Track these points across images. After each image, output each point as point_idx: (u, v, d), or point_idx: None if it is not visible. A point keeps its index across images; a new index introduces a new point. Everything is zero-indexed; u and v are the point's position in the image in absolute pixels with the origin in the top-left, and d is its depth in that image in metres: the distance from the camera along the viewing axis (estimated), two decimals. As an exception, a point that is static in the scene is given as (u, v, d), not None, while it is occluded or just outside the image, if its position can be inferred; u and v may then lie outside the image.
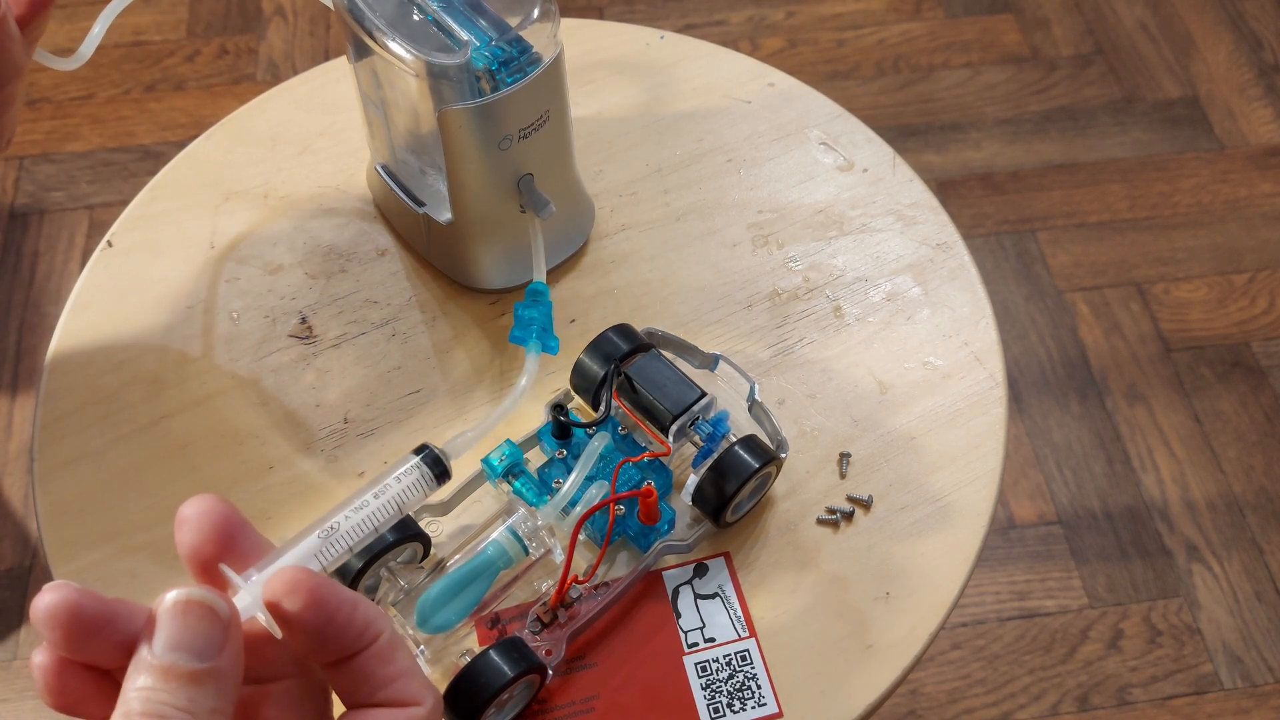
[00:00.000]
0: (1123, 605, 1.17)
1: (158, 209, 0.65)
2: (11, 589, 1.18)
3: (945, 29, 1.64)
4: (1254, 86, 1.58)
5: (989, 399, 0.57)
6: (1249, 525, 1.22)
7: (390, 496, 0.42)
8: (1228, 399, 1.30)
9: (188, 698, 0.32)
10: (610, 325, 0.55)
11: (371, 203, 0.65)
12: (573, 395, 0.56)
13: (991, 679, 1.13)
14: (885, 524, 0.53)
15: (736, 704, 0.49)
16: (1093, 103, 1.56)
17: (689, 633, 0.51)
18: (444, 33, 0.53)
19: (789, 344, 0.59)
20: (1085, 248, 1.42)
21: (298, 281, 0.62)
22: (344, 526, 0.40)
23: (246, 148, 0.68)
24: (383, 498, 0.42)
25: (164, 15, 1.66)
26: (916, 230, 0.63)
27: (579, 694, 0.49)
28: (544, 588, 0.50)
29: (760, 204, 0.65)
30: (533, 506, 0.50)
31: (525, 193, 0.57)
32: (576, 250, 0.63)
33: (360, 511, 0.41)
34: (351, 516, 0.41)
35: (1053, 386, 1.31)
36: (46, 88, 1.58)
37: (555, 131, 0.57)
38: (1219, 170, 1.50)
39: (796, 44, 1.63)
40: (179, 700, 0.32)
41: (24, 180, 1.49)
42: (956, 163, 1.50)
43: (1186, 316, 1.37)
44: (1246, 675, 1.13)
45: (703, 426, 0.53)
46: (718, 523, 0.52)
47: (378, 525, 0.41)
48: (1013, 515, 1.23)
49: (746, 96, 0.69)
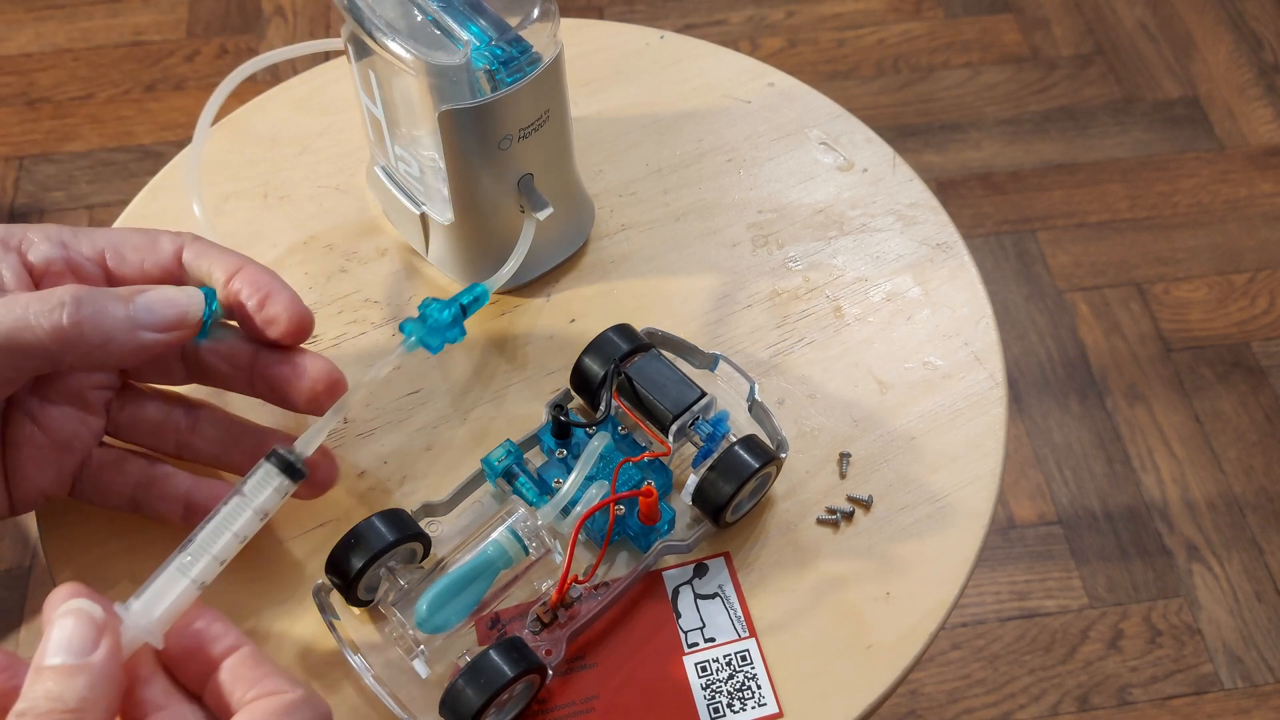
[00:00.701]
0: (1123, 605, 1.17)
1: (158, 209, 0.65)
2: (11, 589, 1.18)
3: (945, 29, 1.65)
4: (1254, 86, 1.58)
5: (989, 399, 0.57)
6: (1249, 525, 1.22)
7: (250, 507, 0.46)
8: (1228, 399, 1.30)
9: (60, 690, 0.37)
10: (610, 325, 0.55)
11: (371, 203, 0.65)
12: (573, 395, 0.56)
13: (991, 679, 1.13)
14: (885, 524, 0.53)
15: (736, 704, 0.49)
16: (1093, 103, 1.56)
17: (689, 633, 0.51)
18: (444, 33, 0.53)
19: (789, 344, 0.59)
20: (1085, 248, 1.42)
21: (298, 281, 0.62)
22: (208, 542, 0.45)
23: (246, 148, 0.68)
24: (243, 509, 0.46)
25: (164, 15, 1.66)
26: (916, 230, 0.63)
27: (579, 694, 0.49)
28: (544, 588, 0.50)
29: (760, 204, 0.65)
30: (533, 506, 0.50)
31: (525, 193, 0.57)
32: (576, 250, 0.63)
33: (223, 525, 0.45)
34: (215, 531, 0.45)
35: (1053, 386, 1.32)
36: (46, 88, 1.58)
37: (555, 131, 0.57)
38: (1219, 170, 1.50)
39: (796, 44, 1.63)
40: (52, 691, 0.37)
41: (24, 180, 1.49)
42: (956, 163, 1.50)
43: (1187, 316, 1.37)
44: (1247, 675, 1.13)
45: (703, 426, 0.53)
46: (718, 523, 0.52)
47: (243, 535, 0.46)
48: (1013, 515, 1.23)
49: (746, 96, 0.69)
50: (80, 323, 0.45)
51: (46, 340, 0.45)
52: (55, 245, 0.49)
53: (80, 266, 0.49)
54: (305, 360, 0.50)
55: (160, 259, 0.50)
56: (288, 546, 0.53)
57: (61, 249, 0.49)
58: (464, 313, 0.54)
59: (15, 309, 0.45)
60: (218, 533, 0.45)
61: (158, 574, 0.43)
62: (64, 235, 0.50)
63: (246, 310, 0.50)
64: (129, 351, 0.46)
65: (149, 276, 0.50)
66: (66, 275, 0.49)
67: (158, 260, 0.50)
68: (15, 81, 1.59)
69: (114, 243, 0.50)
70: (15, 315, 0.44)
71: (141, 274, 0.50)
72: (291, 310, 0.50)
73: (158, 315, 0.47)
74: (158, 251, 0.50)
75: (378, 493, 0.55)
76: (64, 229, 0.50)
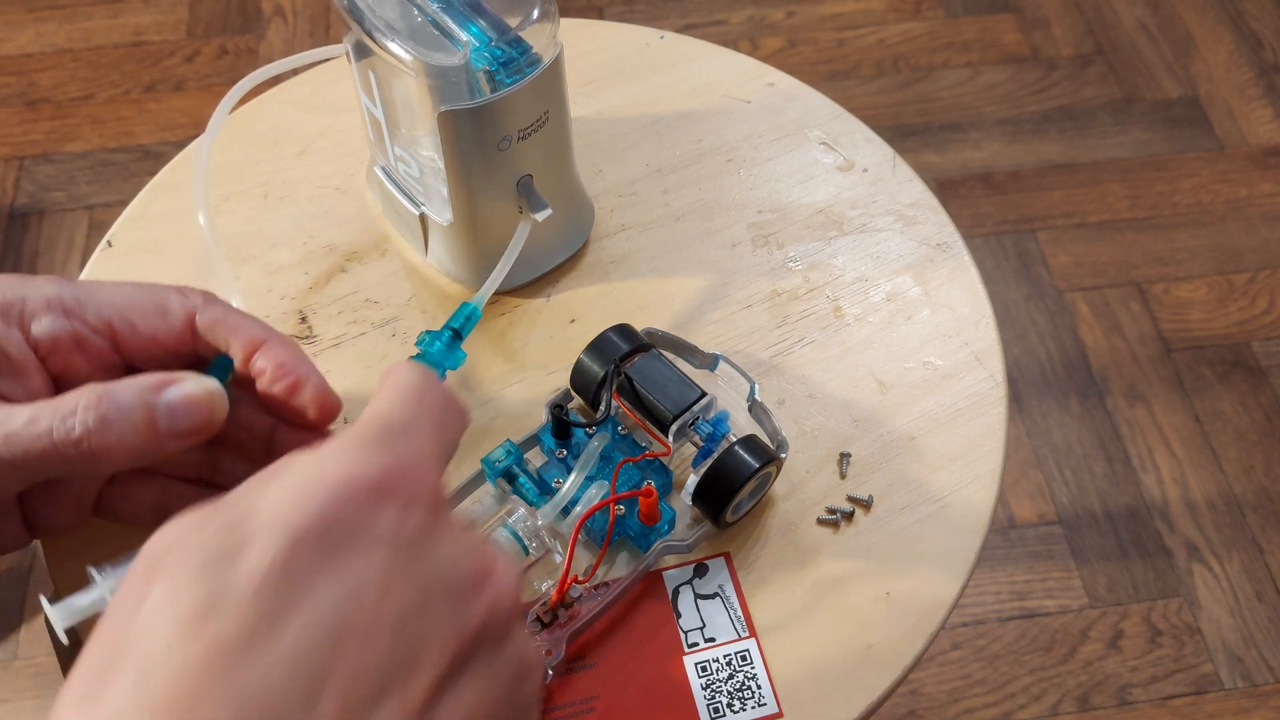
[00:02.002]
0: (1123, 605, 1.17)
1: (158, 209, 0.65)
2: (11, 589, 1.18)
3: (945, 29, 1.65)
4: (1254, 86, 1.58)
5: (989, 399, 0.57)
6: (1249, 525, 1.22)
7: None
8: (1228, 399, 1.30)
9: None
10: (610, 325, 0.55)
11: (371, 203, 0.65)
12: (573, 395, 0.56)
13: (991, 679, 1.13)
14: (885, 524, 0.53)
15: (736, 704, 0.49)
16: (1093, 103, 1.56)
17: (689, 633, 0.51)
18: (444, 33, 0.53)
19: (789, 344, 0.59)
20: (1085, 248, 1.42)
21: (298, 281, 0.62)
22: None
23: (246, 148, 0.68)
24: None
25: (164, 15, 1.66)
26: (916, 230, 0.63)
27: (579, 694, 0.49)
28: (544, 588, 0.50)
29: (760, 204, 0.65)
30: (533, 506, 0.50)
31: (524, 194, 0.57)
32: (576, 250, 0.63)
33: None
34: None
35: (1053, 386, 1.32)
36: (47, 88, 1.58)
37: (555, 132, 0.57)
38: (1219, 170, 1.50)
39: (796, 44, 1.63)
40: None
41: (24, 180, 1.49)
42: (956, 163, 1.50)
43: (1187, 316, 1.37)
44: (1247, 675, 1.13)
45: (703, 426, 0.53)
46: (718, 523, 0.52)
47: None
48: (1013, 515, 1.23)
49: (746, 96, 0.69)
50: (105, 440, 0.43)
51: (70, 455, 0.43)
52: (58, 315, 0.47)
53: (86, 340, 0.47)
54: None
55: (172, 327, 0.48)
56: (288, 547, 0.53)
57: (65, 319, 0.47)
58: (457, 336, 0.55)
59: (37, 426, 0.42)
60: None
61: None
62: (65, 300, 0.47)
63: (271, 393, 0.48)
64: (149, 456, 0.45)
65: (162, 347, 0.48)
66: (74, 352, 0.47)
67: (170, 329, 0.48)
68: (15, 82, 1.59)
69: (120, 311, 0.48)
70: (34, 434, 0.42)
71: (154, 343, 0.48)
72: (321, 401, 0.48)
73: (182, 424, 0.45)
74: (168, 320, 0.48)
75: (378, 493, 0.55)
76: (64, 289, 0.47)
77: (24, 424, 0.43)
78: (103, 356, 0.48)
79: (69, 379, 0.47)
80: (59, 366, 0.47)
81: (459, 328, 0.55)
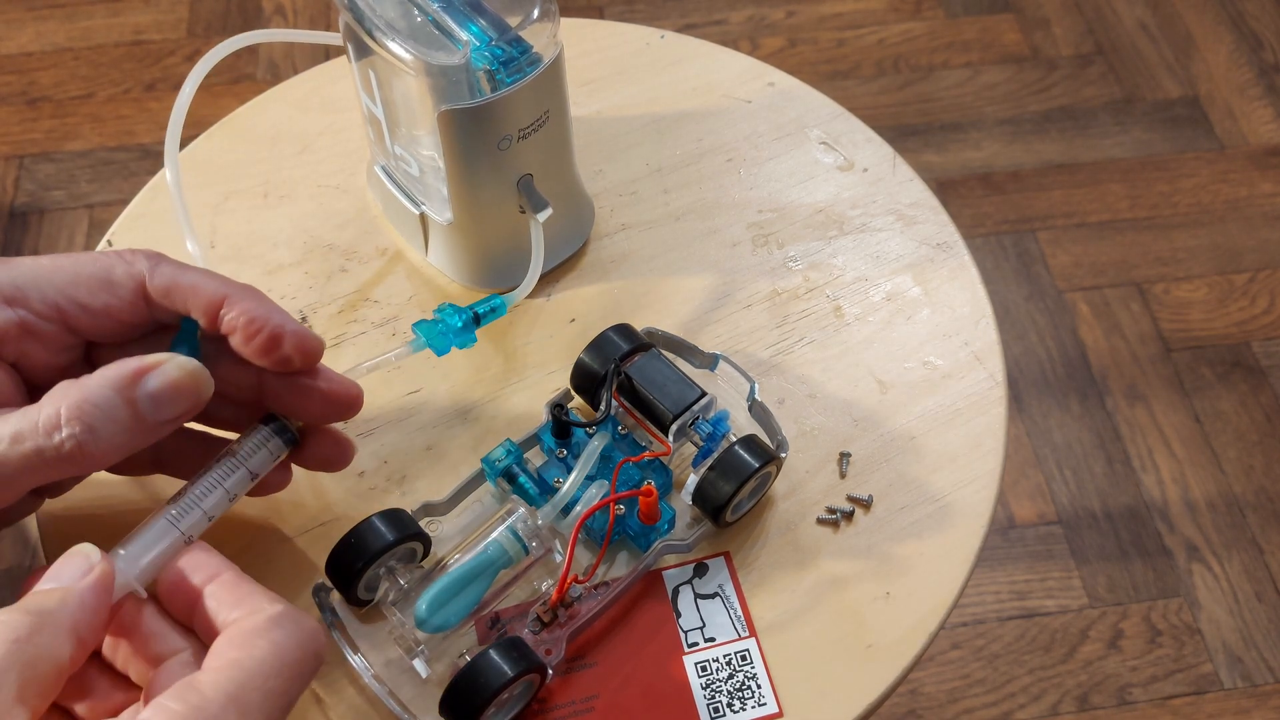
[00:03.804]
0: (1123, 605, 1.17)
1: (158, 209, 0.65)
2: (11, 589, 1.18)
3: (945, 29, 1.64)
4: (1254, 86, 1.58)
5: (989, 399, 0.57)
6: (1249, 525, 1.22)
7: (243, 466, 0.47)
8: (1228, 399, 1.30)
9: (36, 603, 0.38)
10: (610, 325, 0.55)
11: (371, 203, 0.65)
12: (573, 395, 0.56)
13: (991, 679, 1.13)
14: (885, 524, 0.53)
15: (736, 704, 0.49)
16: (1093, 103, 1.56)
17: (689, 632, 0.51)
18: (444, 33, 0.53)
19: (789, 344, 0.59)
20: (1085, 248, 1.42)
21: (298, 281, 0.62)
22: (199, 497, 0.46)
23: (246, 147, 0.68)
24: (235, 468, 0.47)
25: (164, 15, 1.66)
26: (916, 230, 0.63)
27: (579, 694, 0.49)
28: (544, 587, 0.50)
29: (760, 204, 0.65)
30: (533, 506, 0.50)
31: (525, 193, 0.57)
32: (576, 250, 0.63)
33: (214, 482, 0.46)
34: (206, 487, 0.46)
35: (1053, 386, 1.32)
36: (47, 87, 1.58)
37: (555, 132, 0.57)
38: (1219, 170, 1.50)
39: (796, 44, 1.63)
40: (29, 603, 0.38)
41: (24, 179, 1.49)
42: (956, 163, 1.50)
43: (1187, 316, 1.37)
44: (1246, 675, 1.13)
45: (703, 426, 0.53)
46: (718, 522, 0.52)
47: (233, 493, 0.47)
48: (1013, 515, 1.23)
49: (746, 96, 0.69)
50: (96, 447, 0.42)
51: (63, 467, 0.42)
52: (2, 306, 0.45)
53: (36, 328, 0.45)
54: (318, 385, 0.48)
55: (123, 299, 0.46)
56: (288, 546, 0.53)
57: (8, 309, 0.45)
58: (477, 320, 0.55)
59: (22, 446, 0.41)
60: (209, 489, 0.46)
61: (146, 525, 0.44)
62: (4, 290, 0.45)
63: (247, 348, 0.46)
64: (142, 446, 0.44)
65: (116, 320, 0.46)
66: (26, 340, 0.45)
67: (120, 300, 0.46)
68: (15, 81, 1.59)
69: (64, 292, 0.46)
70: (21, 454, 0.41)
71: (107, 318, 0.46)
72: (302, 348, 0.47)
73: (168, 411, 0.44)
74: (117, 292, 0.46)
75: (378, 493, 0.55)
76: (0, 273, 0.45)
77: (8, 445, 0.41)
78: (58, 339, 0.46)
79: (27, 364, 0.46)
80: (14, 355, 0.46)
81: (481, 313, 0.56)
